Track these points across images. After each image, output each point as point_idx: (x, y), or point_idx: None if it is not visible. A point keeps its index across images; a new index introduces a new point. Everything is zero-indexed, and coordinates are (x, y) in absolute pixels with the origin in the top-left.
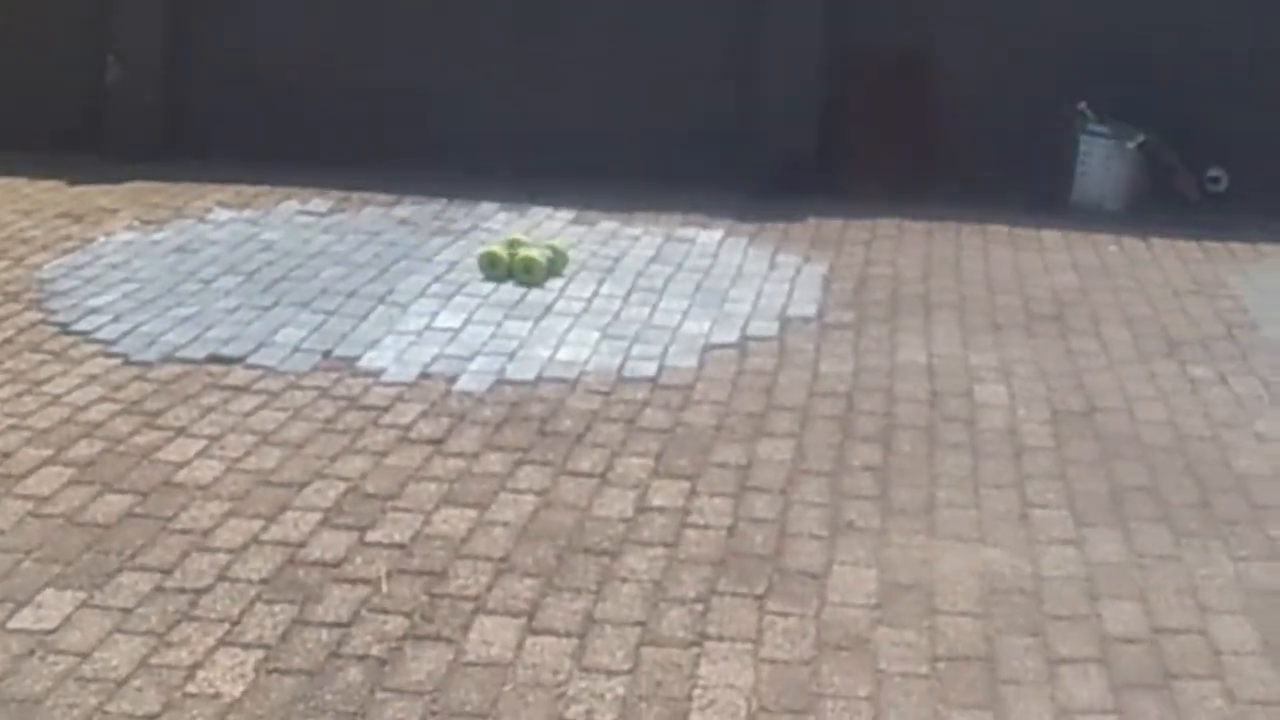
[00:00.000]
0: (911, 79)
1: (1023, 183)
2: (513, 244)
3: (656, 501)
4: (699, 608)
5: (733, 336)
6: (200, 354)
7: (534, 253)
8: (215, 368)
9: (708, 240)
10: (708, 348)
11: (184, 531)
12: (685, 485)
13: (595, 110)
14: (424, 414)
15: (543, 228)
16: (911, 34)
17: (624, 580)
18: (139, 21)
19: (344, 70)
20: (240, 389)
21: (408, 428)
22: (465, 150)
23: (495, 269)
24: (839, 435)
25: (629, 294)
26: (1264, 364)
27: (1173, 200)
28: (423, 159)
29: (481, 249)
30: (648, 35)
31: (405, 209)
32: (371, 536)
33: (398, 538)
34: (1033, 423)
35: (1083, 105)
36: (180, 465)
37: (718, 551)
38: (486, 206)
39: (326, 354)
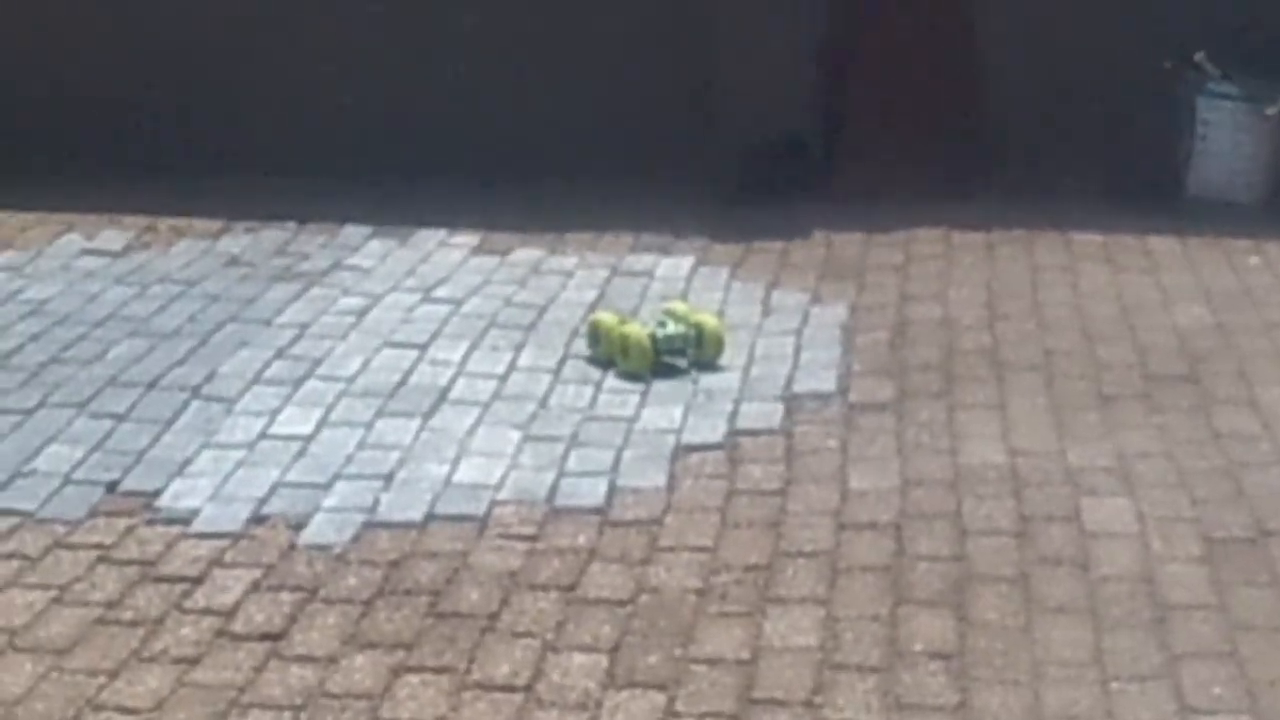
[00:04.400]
0: (948, 22)
1: (1116, 168)
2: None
3: None
4: None
5: (716, 433)
6: None
7: (642, 330)
8: None
9: (671, 273)
10: (679, 451)
11: None
12: (658, 701)
13: (498, 91)
14: (254, 588)
15: (434, 260)
16: None
17: None
18: None
19: (133, 42)
20: None
21: (229, 613)
22: (322, 150)
23: (597, 346)
24: (887, 598)
25: (560, 364)
26: None
27: None
28: (263, 164)
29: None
30: None
31: (236, 240)
32: None
33: None
34: (1177, 561)
35: (1201, 56)
36: None
37: None
38: (352, 232)
39: (112, 486)
